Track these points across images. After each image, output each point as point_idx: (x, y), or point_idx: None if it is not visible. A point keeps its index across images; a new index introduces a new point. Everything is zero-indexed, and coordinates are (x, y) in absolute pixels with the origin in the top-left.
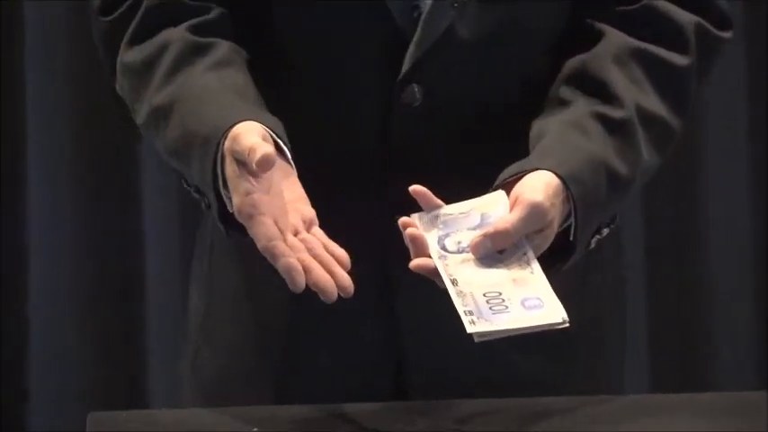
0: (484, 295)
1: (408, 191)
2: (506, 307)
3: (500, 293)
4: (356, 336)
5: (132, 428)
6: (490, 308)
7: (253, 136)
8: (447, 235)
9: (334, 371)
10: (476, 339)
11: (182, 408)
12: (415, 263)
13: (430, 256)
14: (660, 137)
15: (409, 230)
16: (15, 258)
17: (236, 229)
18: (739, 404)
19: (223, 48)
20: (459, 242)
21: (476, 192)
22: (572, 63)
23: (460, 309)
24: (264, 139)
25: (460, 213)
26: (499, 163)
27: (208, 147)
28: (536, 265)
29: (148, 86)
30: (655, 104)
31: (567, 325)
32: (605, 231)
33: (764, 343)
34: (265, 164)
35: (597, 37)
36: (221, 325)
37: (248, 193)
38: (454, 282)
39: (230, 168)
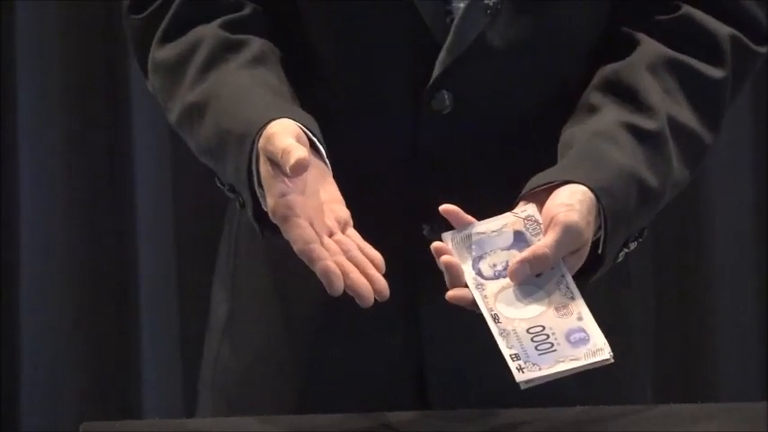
0: (528, 332)
1: (435, 195)
2: (551, 345)
3: (543, 327)
4: (380, 341)
5: None
6: (536, 347)
7: (287, 137)
8: (481, 257)
9: (357, 376)
10: (522, 387)
11: (178, 416)
12: (452, 294)
13: (465, 284)
14: (691, 150)
15: (444, 258)
16: (7, 260)
17: (270, 229)
18: None
19: (256, 45)
20: (494, 265)
21: (504, 199)
22: (605, 71)
23: (506, 352)
24: (299, 138)
25: (493, 232)
26: (529, 171)
27: (242, 145)
28: (575, 289)
29: (181, 84)
30: (687, 117)
31: (612, 361)
32: (633, 245)
33: (766, 344)
34: (299, 168)
35: (632, 45)
36: (246, 328)
37: (283, 195)
38: (495, 318)
39: (264, 168)
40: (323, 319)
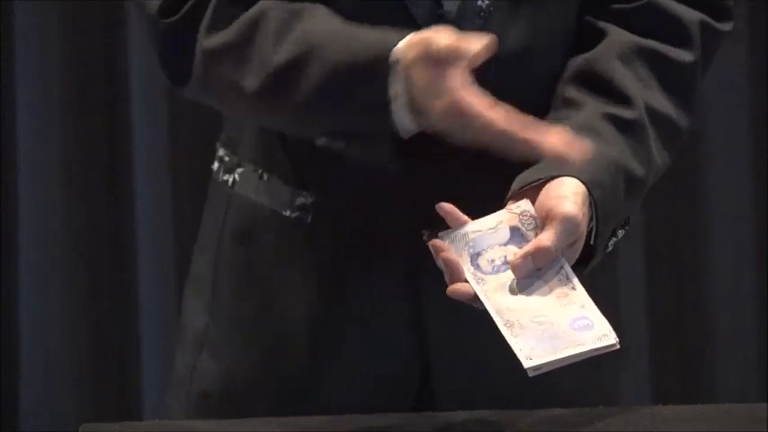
0: (532, 321)
1: (434, 200)
2: (557, 332)
3: (547, 316)
4: (384, 345)
5: None
6: (541, 335)
7: (443, 35)
8: (479, 254)
9: (360, 379)
10: (530, 374)
11: (174, 418)
12: (453, 288)
13: (465, 280)
14: (668, 136)
15: (443, 255)
16: (7, 260)
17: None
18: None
19: (320, 7)
20: (492, 260)
21: (501, 201)
22: (576, 62)
23: (512, 341)
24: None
25: (489, 229)
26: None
27: (378, 67)
28: (575, 279)
29: (254, 55)
30: (662, 103)
31: (619, 347)
32: (620, 233)
33: (766, 345)
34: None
35: (599, 35)
36: (229, 340)
37: (451, 90)
38: (499, 310)
39: (418, 75)
40: (324, 323)
